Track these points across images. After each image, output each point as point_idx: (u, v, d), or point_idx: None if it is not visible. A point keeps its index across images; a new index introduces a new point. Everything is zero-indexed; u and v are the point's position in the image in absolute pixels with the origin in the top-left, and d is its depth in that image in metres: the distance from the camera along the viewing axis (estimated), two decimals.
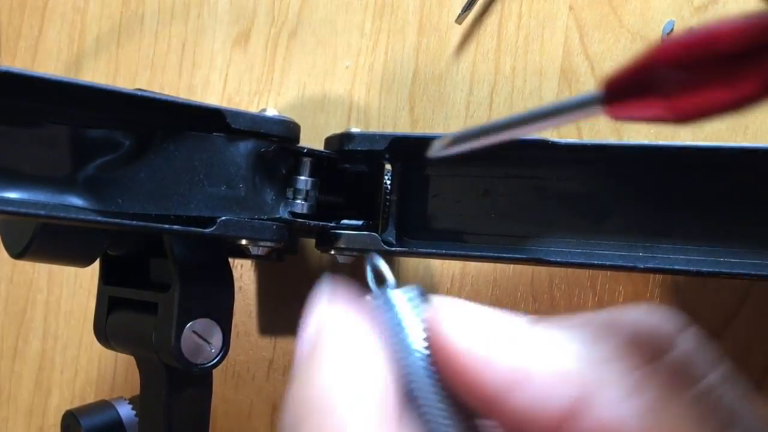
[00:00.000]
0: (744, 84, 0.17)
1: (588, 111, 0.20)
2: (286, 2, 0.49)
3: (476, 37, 0.45)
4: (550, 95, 0.42)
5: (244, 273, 0.49)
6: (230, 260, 0.38)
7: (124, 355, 0.49)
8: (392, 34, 0.47)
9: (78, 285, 0.53)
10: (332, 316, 0.24)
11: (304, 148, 0.35)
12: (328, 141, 0.37)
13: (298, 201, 0.35)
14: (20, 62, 0.55)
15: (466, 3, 0.44)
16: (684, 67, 0.18)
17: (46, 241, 0.34)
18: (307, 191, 0.35)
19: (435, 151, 0.24)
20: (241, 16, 0.50)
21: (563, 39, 0.42)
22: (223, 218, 0.32)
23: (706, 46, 0.17)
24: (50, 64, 0.54)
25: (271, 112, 0.34)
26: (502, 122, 0.23)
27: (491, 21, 0.45)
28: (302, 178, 0.35)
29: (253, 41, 0.50)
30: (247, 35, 0.50)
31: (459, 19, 0.45)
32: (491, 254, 0.34)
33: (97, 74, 0.53)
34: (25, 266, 0.54)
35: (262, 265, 0.49)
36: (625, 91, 0.19)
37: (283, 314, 0.48)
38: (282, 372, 0.48)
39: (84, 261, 0.36)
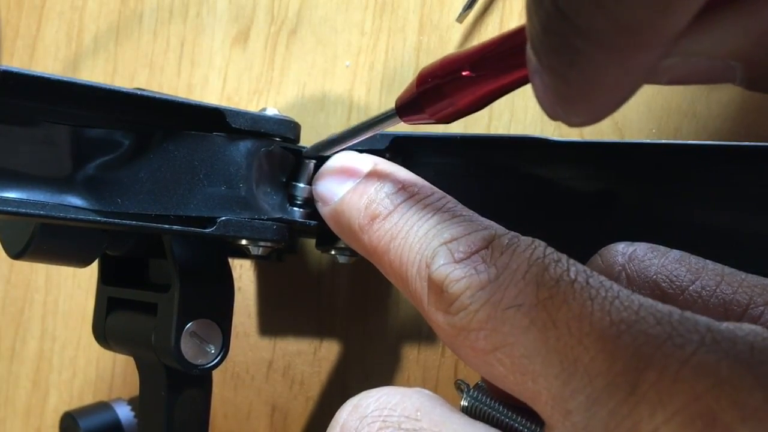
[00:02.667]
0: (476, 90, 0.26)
1: (394, 121, 0.30)
2: (285, 1, 0.49)
3: (477, 36, 0.45)
4: None
5: (243, 273, 0.49)
6: (230, 261, 0.37)
7: (122, 356, 0.49)
8: (393, 33, 0.46)
9: (76, 285, 0.53)
10: None
11: (304, 147, 0.35)
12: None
13: (298, 201, 0.35)
14: (18, 61, 0.54)
15: (468, 2, 0.44)
16: (428, 90, 0.28)
17: (45, 241, 0.33)
18: (307, 191, 0.35)
19: (308, 153, 0.34)
20: (241, 15, 0.50)
21: None
22: (223, 218, 0.32)
23: (447, 68, 0.27)
24: (48, 63, 0.54)
25: (271, 111, 0.34)
26: (345, 132, 0.32)
27: (492, 20, 0.44)
28: (302, 180, 0.35)
29: (253, 40, 0.49)
30: (246, 34, 0.50)
31: (460, 18, 0.44)
32: None
33: (95, 73, 0.53)
34: (23, 266, 0.54)
35: (262, 266, 0.48)
36: (404, 109, 0.29)
37: (282, 315, 0.48)
38: (281, 373, 0.48)
39: (83, 261, 0.36)
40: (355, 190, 0.32)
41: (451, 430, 0.25)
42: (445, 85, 0.27)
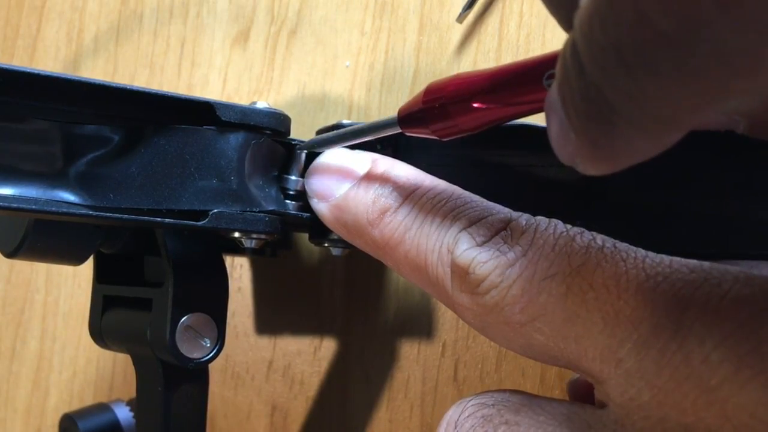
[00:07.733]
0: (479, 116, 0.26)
1: (393, 129, 0.29)
2: (285, 1, 0.49)
3: (477, 36, 0.45)
4: None
5: (243, 273, 0.49)
6: (230, 261, 0.37)
7: (122, 356, 0.49)
8: (393, 33, 0.46)
9: (76, 285, 0.53)
10: None
11: (295, 140, 0.35)
12: (320, 133, 0.37)
13: (290, 193, 0.35)
14: (18, 61, 0.55)
15: (467, 2, 0.44)
16: (434, 108, 0.27)
17: (39, 238, 0.33)
18: (299, 184, 0.35)
19: (303, 147, 0.34)
20: (241, 15, 0.50)
21: (564, 38, 0.42)
22: (215, 210, 0.32)
23: (456, 91, 0.27)
24: (48, 63, 0.54)
25: (261, 104, 0.34)
26: (341, 134, 0.32)
27: (492, 20, 0.44)
28: (294, 173, 0.35)
29: (253, 40, 0.49)
30: (246, 34, 0.50)
31: (460, 18, 0.44)
32: None
33: (95, 73, 0.53)
34: (23, 266, 0.54)
35: (258, 265, 0.48)
36: (407, 121, 0.29)
37: (282, 315, 0.48)
38: (281, 373, 0.47)
39: (77, 259, 0.36)
40: (359, 185, 0.32)
41: (537, 405, 0.26)
42: (451, 107, 0.27)
